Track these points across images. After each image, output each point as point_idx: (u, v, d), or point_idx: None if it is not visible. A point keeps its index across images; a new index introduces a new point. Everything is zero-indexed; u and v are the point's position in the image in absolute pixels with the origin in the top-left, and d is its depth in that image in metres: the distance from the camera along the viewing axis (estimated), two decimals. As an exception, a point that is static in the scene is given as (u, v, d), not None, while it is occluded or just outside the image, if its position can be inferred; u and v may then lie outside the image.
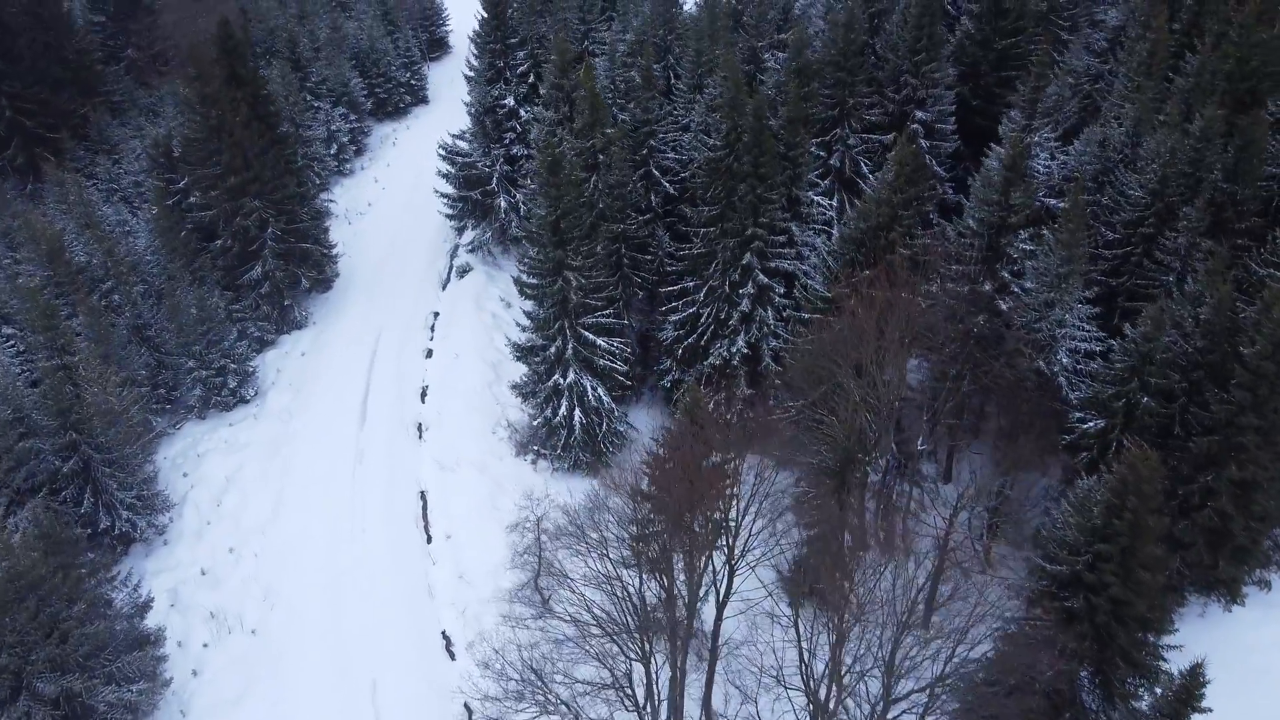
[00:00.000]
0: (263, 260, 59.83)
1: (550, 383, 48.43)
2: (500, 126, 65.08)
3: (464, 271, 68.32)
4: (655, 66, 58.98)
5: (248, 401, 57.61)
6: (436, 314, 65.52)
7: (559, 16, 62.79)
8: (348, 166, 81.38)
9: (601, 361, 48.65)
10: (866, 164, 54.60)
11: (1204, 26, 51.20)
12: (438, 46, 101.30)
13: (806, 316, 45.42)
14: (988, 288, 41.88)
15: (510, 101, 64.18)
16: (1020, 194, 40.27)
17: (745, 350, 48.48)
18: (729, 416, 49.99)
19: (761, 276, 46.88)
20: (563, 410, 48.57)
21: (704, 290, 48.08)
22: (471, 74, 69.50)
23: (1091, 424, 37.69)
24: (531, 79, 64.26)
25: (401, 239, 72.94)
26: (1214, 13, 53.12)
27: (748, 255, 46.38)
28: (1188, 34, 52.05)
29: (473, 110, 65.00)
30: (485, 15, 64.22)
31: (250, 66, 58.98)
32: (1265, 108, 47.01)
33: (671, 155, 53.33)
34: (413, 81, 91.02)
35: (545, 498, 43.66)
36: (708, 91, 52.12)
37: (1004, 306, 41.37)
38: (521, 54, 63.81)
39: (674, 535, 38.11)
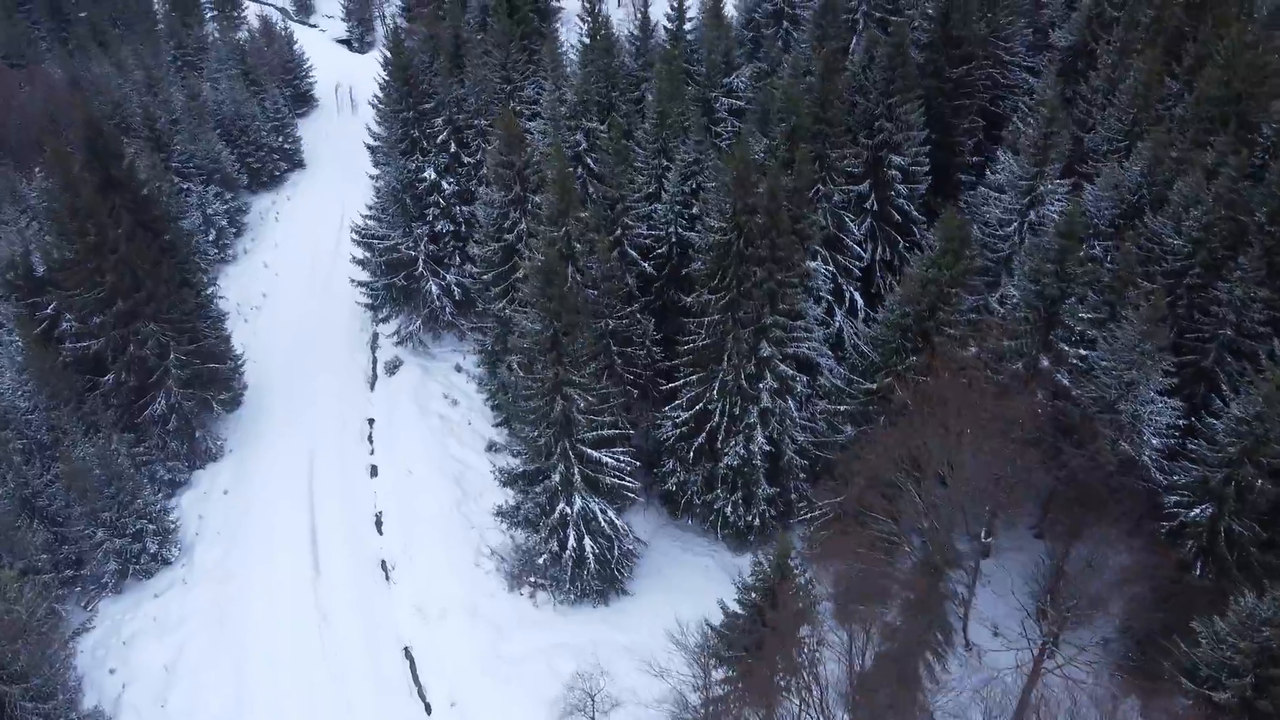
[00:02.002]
0: (166, 392, 50.74)
1: (556, 514, 42.02)
2: (421, 202, 57.75)
3: (394, 367, 60.56)
4: (602, 127, 53.20)
5: (171, 562, 48.65)
6: (371, 421, 57.65)
7: (479, 76, 55.92)
8: (230, 252, 71.83)
9: (609, 480, 42.59)
10: (851, 219, 50.56)
11: (1182, 50, 49.50)
12: (303, 101, 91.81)
13: (844, 409, 40.77)
14: (1046, 363, 38.23)
15: (430, 174, 56.95)
16: (1074, 262, 36.69)
17: (767, 447, 43.40)
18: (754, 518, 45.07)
19: (782, 367, 41.87)
20: (571, 542, 42.27)
21: (716, 385, 42.66)
22: (377, 144, 61.90)
23: (1197, 511, 34.40)
24: (453, 148, 57.15)
25: (310, 333, 64.36)
26: (1191, 35, 51.83)
27: (765, 345, 41.27)
28: (1164, 59, 50.28)
29: (387, 186, 57.35)
30: (390, 80, 56.76)
31: (126, 166, 49.63)
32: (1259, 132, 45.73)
33: (643, 229, 47.63)
34: (285, 145, 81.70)
35: (595, 669, 37.36)
36: (680, 157, 46.75)
37: (1066, 382, 37.79)
38: (439, 121, 56.63)
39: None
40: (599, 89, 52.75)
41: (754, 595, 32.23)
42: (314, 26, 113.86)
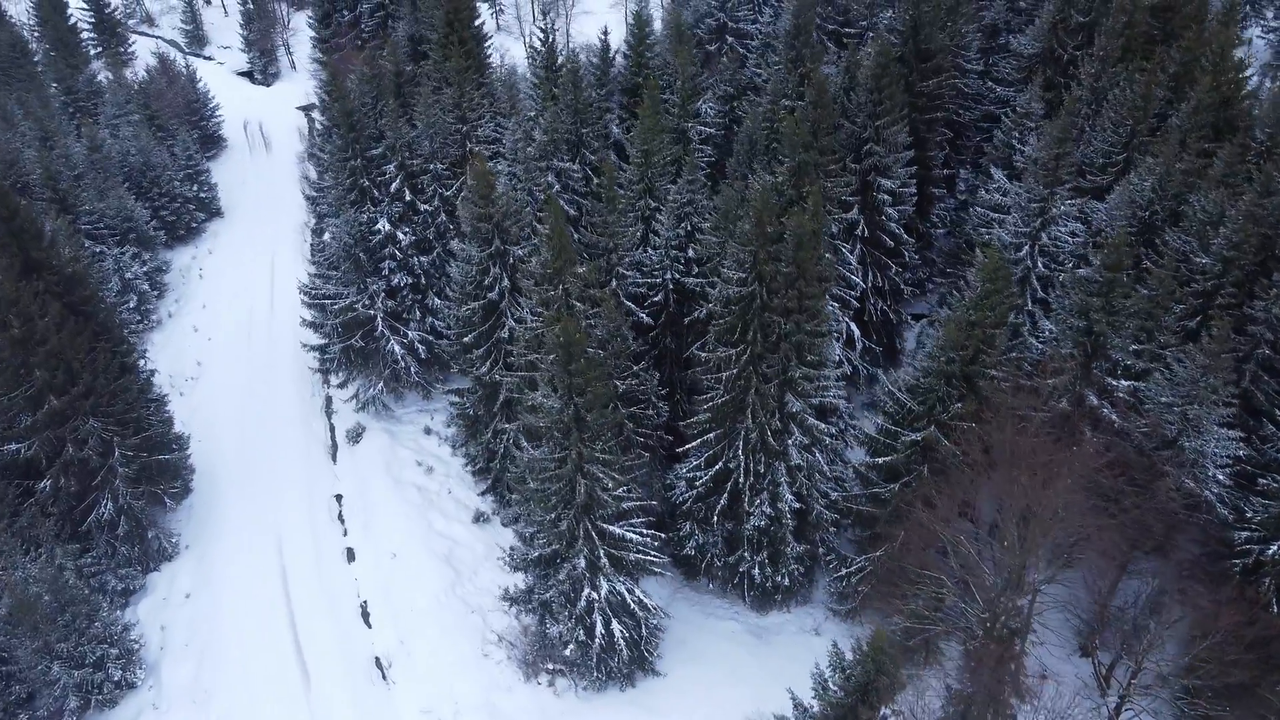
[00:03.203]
0: (112, 493, 45.18)
1: (582, 601, 38.41)
2: (375, 256, 53.18)
3: (356, 435, 55.77)
4: (574, 166, 49.72)
5: (137, 686, 43.21)
6: (339, 497, 52.85)
7: (431, 117, 51.57)
8: (154, 318, 65.56)
9: (633, 556, 39.19)
10: (845, 248, 48.29)
11: (1155, 55, 48.53)
12: (212, 143, 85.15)
13: (883, 461, 38.27)
14: (1094, 400, 36.40)
15: (384, 225, 52.44)
16: (1121, 294, 34.92)
17: (795, 504, 40.64)
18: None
19: (811, 420, 39.15)
20: (599, 629, 38.76)
21: (739, 443, 39.68)
22: (316, 194, 57.03)
23: (1276, 548, 32.94)
24: (407, 195, 52.75)
25: (257, 403, 58.97)
26: (1159, 39, 51.14)
27: (793, 399, 38.48)
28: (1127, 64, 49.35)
29: (337, 241, 52.45)
30: (333, 126, 52.10)
31: (47, 245, 43.93)
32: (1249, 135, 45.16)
33: (636, 277, 44.35)
34: (201, 194, 75.33)
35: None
36: (673, 197, 43.60)
37: (1115, 419, 36.03)
38: (390, 167, 52.17)
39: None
40: (567, 126, 49.19)
41: (840, 692, 29.28)
42: (210, 59, 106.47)
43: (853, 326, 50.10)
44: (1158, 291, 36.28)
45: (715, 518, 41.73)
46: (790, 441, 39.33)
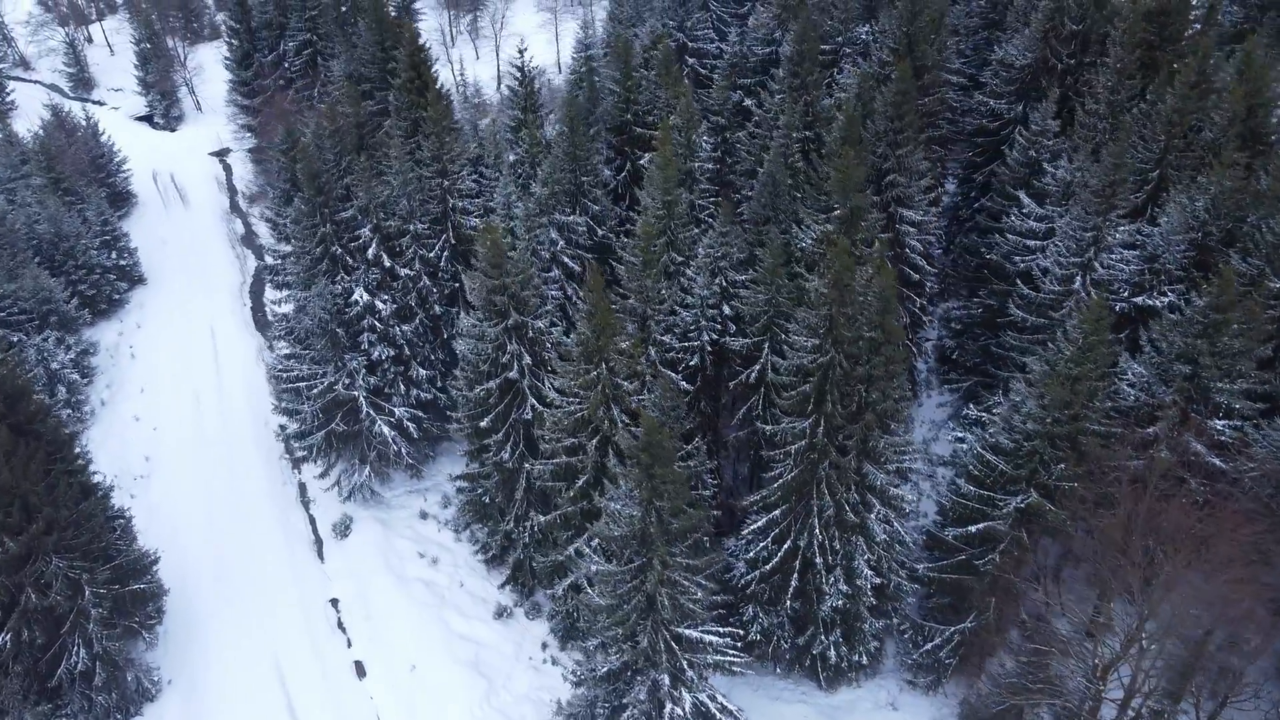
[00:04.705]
0: (85, 638, 38.86)
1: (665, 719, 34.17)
2: (353, 329, 47.76)
3: (344, 527, 50.17)
4: (577, 219, 45.32)
5: None
6: (335, 601, 47.25)
7: (405, 171, 46.30)
8: (87, 409, 58.27)
9: (713, 658, 35.17)
10: (877, 288, 45.11)
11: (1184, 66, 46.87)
12: (121, 200, 77.15)
13: (976, 529, 35.17)
14: (1199, 447, 33.99)
15: (361, 295, 47.07)
16: (1229, 334, 32.58)
17: (875, 580, 37.27)
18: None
19: (895, 491, 35.83)
20: (685, 747, 34.63)
21: (814, 520, 36.04)
22: (279, 262, 51.11)
23: None
24: (386, 261, 47.44)
25: (222, 499, 52.65)
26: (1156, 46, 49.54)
27: (874, 471, 35.06)
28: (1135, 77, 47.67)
29: (313, 317, 46.76)
30: (299, 188, 46.51)
31: (-17, 358, 37.42)
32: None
33: (671, 340, 40.32)
34: (121, 261, 67.83)
35: None
36: (704, 252, 39.73)
37: (1220, 464, 33.73)
38: (365, 230, 46.83)
39: None
40: (566, 175, 44.77)
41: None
42: (101, 103, 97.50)
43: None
44: (1252, 326, 34.01)
45: (789, 600, 38.05)
46: (872, 516, 35.93)
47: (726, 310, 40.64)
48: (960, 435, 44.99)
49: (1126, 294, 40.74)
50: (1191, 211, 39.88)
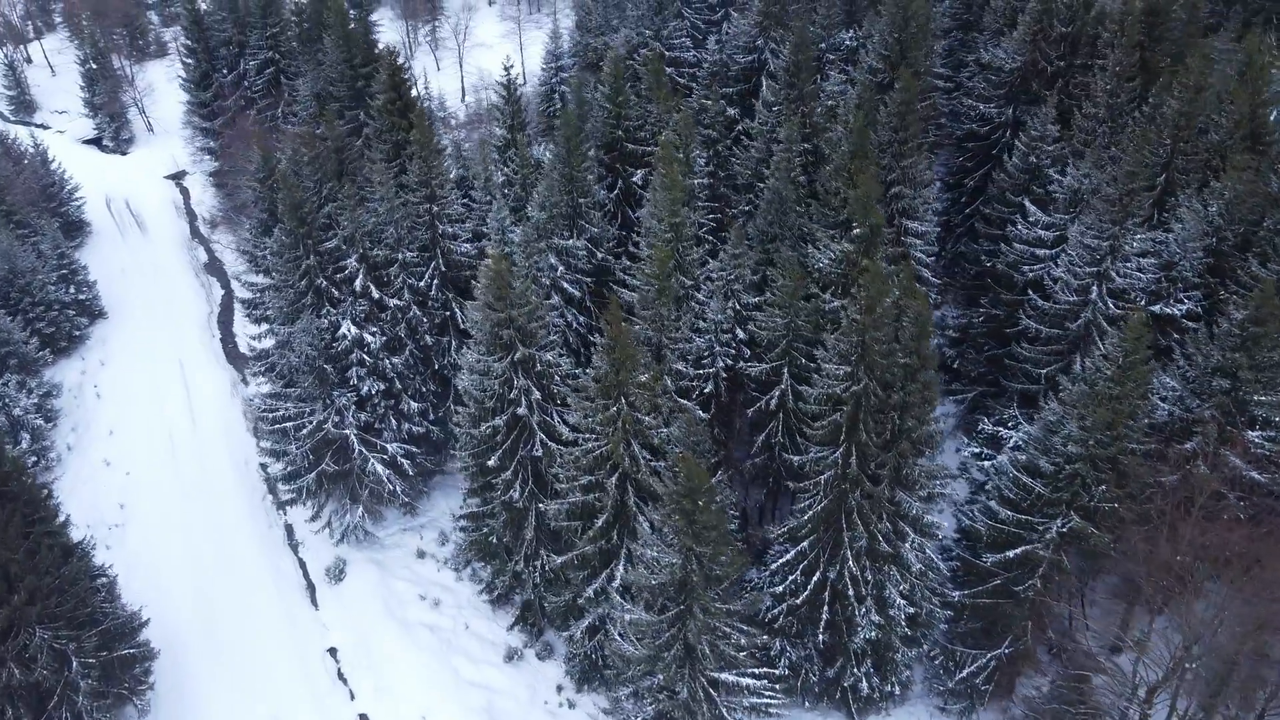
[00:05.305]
0: (75, 713, 36.29)
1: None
2: (341, 364, 45.53)
3: (338, 571, 47.88)
4: (577, 243, 43.56)
5: None
6: (334, 650, 44.97)
7: (391, 197, 44.15)
8: (53, 455, 55.19)
9: (750, 701, 33.72)
10: (887, 303, 43.98)
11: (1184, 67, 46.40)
12: (75, 229, 73.66)
13: (1014, 553, 34.09)
14: (1237, 461, 33.25)
15: (349, 329, 44.86)
16: (1268, 346, 31.84)
17: (909, 609, 36.09)
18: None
19: (928, 518, 34.67)
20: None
21: (846, 551, 34.75)
22: (256, 296, 48.73)
23: None
24: (374, 292, 45.30)
25: (204, 546, 50.03)
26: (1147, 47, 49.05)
27: (906, 498, 33.87)
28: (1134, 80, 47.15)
29: (300, 354, 44.46)
30: (279, 219, 44.17)
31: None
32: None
33: (684, 367, 38.78)
34: (80, 296, 64.59)
35: None
36: (716, 275, 38.24)
37: (1260, 478, 33.03)
38: (351, 261, 44.65)
39: None
40: (564, 199, 43.01)
41: None
42: (45, 127, 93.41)
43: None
44: (1283, 335, 33.33)
45: (819, 632, 36.71)
46: (906, 545, 34.72)
47: (740, 334, 39.23)
48: (975, 450, 44.11)
49: (1144, 302, 40.04)
50: (1206, 216, 39.31)
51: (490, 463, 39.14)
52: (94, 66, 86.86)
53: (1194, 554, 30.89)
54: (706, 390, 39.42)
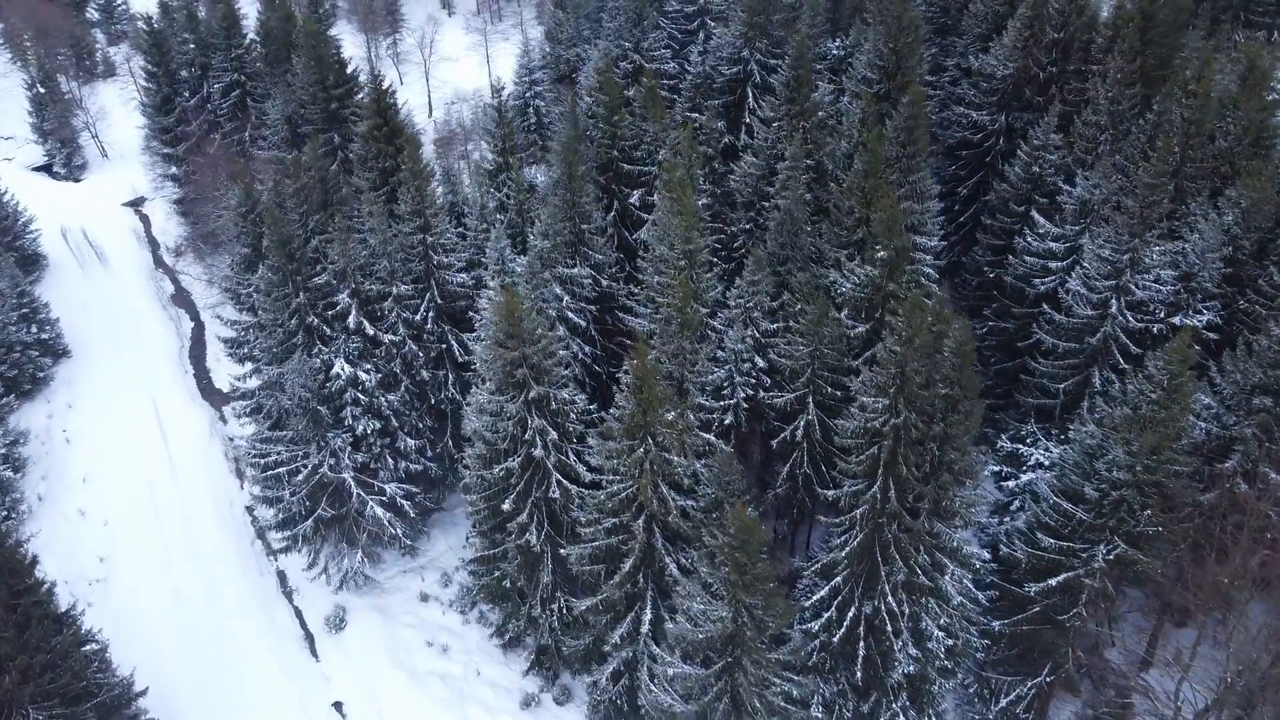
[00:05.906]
0: (73, 794, 33.95)
1: (756, 825, 31.27)
2: (335, 404, 43.52)
3: (338, 620, 45.82)
4: (582, 271, 42.01)
5: None
6: (339, 705, 42.98)
7: (384, 229, 42.20)
8: (23, 507, 52.30)
9: (793, 746, 32.49)
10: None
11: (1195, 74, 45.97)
12: (31, 264, 70.25)
13: (1056, 581, 33.18)
14: (1275, 477, 32.68)
15: (343, 368, 42.86)
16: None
17: (948, 641, 35.05)
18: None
19: (969, 549, 33.68)
20: None
21: (884, 585, 33.62)
22: (237, 333, 46.46)
23: None
24: (368, 329, 43.35)
25: (192, 599, 47.74)
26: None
27: (945, 530, 32.84)
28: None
29: (292, 396, 42.32)
30: (265, 255, 42.05)
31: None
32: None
33: (706, 400, 37.46)
34: (42, 335, 61.49)
35: None
36: (735, 303, 36.93)
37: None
38: (343, 296, 42.68)
39: None
40: (567, 226, 41.42)
41: None
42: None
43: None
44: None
45: (856, 668, 35.54)
46: (946, 577, 33.67)
47: (760, 362, 37.96)
48: (995, 468, 43.25)
49: (1162, 314, 39.49)
50: (1222, 225, 38.83)
51: (505, 506, 37.44)
52: (41, 90, 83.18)
53: (1243, 576, 30.18)
54: (726, 422, 38.10)
